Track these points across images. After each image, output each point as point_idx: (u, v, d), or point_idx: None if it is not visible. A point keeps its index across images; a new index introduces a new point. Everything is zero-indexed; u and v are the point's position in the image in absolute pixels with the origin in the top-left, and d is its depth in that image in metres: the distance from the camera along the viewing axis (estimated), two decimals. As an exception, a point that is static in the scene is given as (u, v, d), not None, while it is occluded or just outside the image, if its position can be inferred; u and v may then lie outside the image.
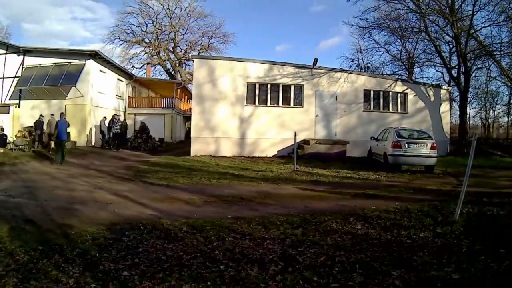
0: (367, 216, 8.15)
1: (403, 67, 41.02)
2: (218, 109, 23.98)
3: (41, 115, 26.19)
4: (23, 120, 28.05)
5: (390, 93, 26.05)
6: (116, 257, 6.00)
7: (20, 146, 24.00)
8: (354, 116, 25.31)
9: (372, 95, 25.90)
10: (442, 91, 27.74)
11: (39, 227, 7.64)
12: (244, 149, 23.91)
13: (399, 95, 26.29)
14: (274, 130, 24.19)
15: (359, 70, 39.87)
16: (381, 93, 25.98)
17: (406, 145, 17.20)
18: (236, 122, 24.05)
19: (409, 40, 38.24)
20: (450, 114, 32.67)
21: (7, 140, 24.51)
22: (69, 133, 26.87)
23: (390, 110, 26.11)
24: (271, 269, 5.36)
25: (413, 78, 38.20)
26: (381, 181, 14.94)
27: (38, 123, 25.62)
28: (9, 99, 30.35)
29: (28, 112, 28.76)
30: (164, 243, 6.68)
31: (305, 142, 23.23)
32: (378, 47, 40.50)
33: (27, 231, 7.30)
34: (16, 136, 26.30)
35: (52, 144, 24.69)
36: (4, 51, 31.18)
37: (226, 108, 23.95)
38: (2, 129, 25.63)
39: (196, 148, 23.77)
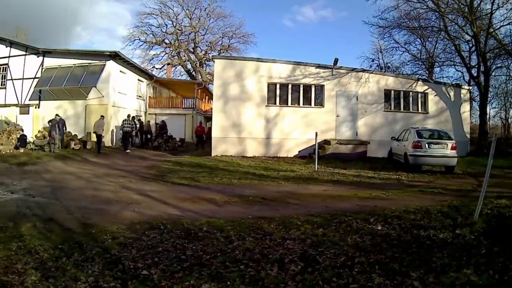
0: (387, 216, 8.05)
1: (423, 66, 40.53)
2: (239, 110, 23.96)
3: (56, 115, 26.34)
4: (44, 120, 28.20)
5: (411, 93, 25.79)
6: (135, 256, 6.02)
7: (40, 146, 24.19)
8: (375, 116, 25.09)
9: (392, 95, 25.67)
10: (463, 91, 27.41)
11: (59, 225, 7.71)
12: (265, 149, 23.85)
13: (419, 95, 26.03)
14: (295, 130, 24.09)
15: (380, 70, 39.53)
16: (402, 93, 25.72)
17: (427, 145, 17.02)
18: (257, 122, 23.98)
19: (429, 39, 37.72)
20: (470, 114, 32.24)
21: (27, 140, 24.73)
22: (88, 132, 27.30)
23: (411, 110, 25.85)
24: (291, 269, 5.33)
25: (433, 77, 37.73)
26: (401, 182, 14.81)
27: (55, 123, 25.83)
28: (29, 100, 30.79)
29: (48, 112, 28.95)
30: (184, 242, 6.69)
31: (326, 142, 23.09)
32: (398, 47, 40.01)
33: (47, 229, 7.38)
34: (36, 136, 26.58)
35: (73, 144, 25.01)
36: (24, 52, 31.58)
37: (247, 108, 23.92)
38: (22, 129, 25.95)
39: (217, 148, 23.78)
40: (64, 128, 26.20)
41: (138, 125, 30.42)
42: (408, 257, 5.61)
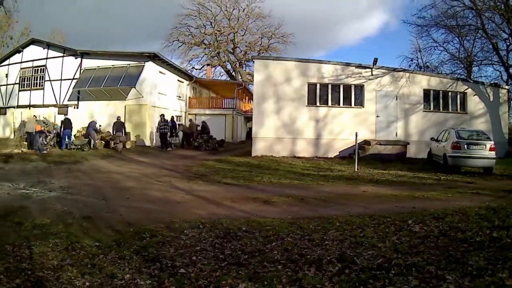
0: (425, 218, 7.90)
1: (462, 66, 39.81)
2: (278, 110, 23.90)
3: (118, 117, 27.03)
4: (82, 120, 28.67)
5: (450, 93, 25.13)
6: (173, 254, 6.06)
7: (79, 146, 24.62)
8: (414, 116, 24.60)
9: (432, 95, 25.13)
10: (502, 91, 26.56)
11: (97, 223, 7.81)
12: (305, 149, 23.69)
13: (458, 95, 25.34)
14: (335, 131, 23.91)
15: (419, 70, 38.97)
16: (441, 93, 25.12)
17: (466, 146, 16.65)
18: (296, 122, 23.88)
19: (467, 38, 36.99)
20: (509, 115, 31.48)
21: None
22: (129, 132, 27.68)
23: (450, 110, 25.19)
24: (328, 270, 5.27)
25: (471, 77, 36.96)
26: (440, 183, 14.53)
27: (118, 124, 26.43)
28: (68, 100, 31.49)
29: (87, 113, 29.66)
30: (222, 241, 6.70)
31: (366, 142, 22.83)
32: (436, 46, 39.46)
33: (85, 227, 7.48)
34: (75, 136, 27.10)
35: (112, 144, 25.39)
36: (61, 54, 32.42)
37: (287, 108, 23.84)
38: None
39: (257, 148, 23.78)
40: (98, 128, 26.69)
41: (177, 125, 30.69)
42: (444, 260, 5.48)
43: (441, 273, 4.94)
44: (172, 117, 30.71)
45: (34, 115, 26.94)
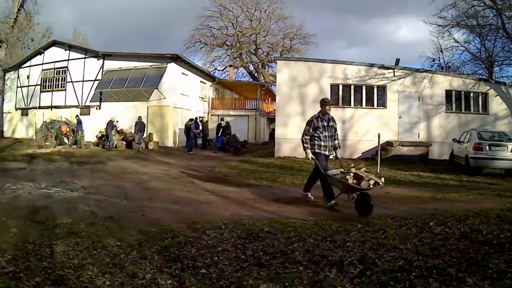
0: (447, 220, 7.79)
1: (483, 66, 39.48)
2: (301, 111, 23.87)
3: (139, 117, 27.34)
4: (105, 121, 28.88)
5: (472, 93, 24.87)
6: (195, 254, 6.03)
7: (102, 146, 24.90)
8: (436, 117, 24.44)
9: (454, 96, 24.91)
10: None
11: (118, 223, 7.85)
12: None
13: (480, 95, 25.07)
14: (358, 132, 23.94)
15: (441, 70, 38.72)
16: (463, 93, 24.87)
17: (488, 147, 16.53)
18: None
19: (488, 37, 36.76)
20: None
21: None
22: (151, 133, 27.93)
23: (472, 111, 24.96)
24: (349, 272, 5.23)
25: (493, 77, 36.57)
26: (462, 184, 14.48)
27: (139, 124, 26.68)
28: (90, 101, 31.98)
29: (109, 114, 29.91)
30: (244, 242, 6.67)
31: (388, 144, 22.78)
32: (457, 46, 39.24)
33: (106, 227, 7.52)
34: (96, 136, 27.39)
35: (134, 144, 25.67)
36: (83, 56, 32.98)
37: (309, 109, 23.49)
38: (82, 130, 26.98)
39: (280, 149, 23.90)
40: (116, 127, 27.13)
41: (201, 126, 30.82)
42: (465, 262, 5.41)
43: (462, 276, 4.90)
44: (197, 118, 30.83)
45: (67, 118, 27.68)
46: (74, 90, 32.81)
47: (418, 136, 24.11)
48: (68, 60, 33.64)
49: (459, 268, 5.16)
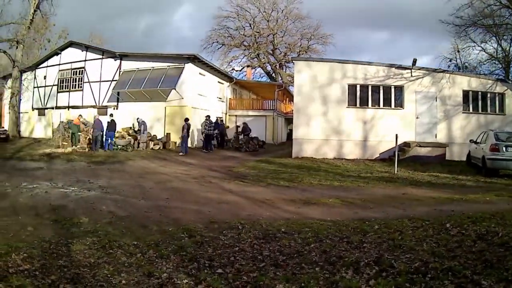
0: (463, 222, 7.77)
1: (500, 66, 39.21)
2: (318, 111, 23.92)
3: (138, 118, 27.36)
4: (121, 121, 29.04)
5: (489, 94, 24.59)
6: (211, 254, 6.06)
7: (123, 146, 25.01)
8: (454, 118, 24.19)
9: (471, 96, 24.62)
10: None
11: (135, 223, 7.92)
12: (345, 151, 23.63)
13: (497, 95, 24.81)
14: (375, 132, 23.79)
15: (458, 70, 38.53)
16: (479, 94, 24.60)
17: (504, 148, 16.24)
18: (336, 124, 23.86)
19: (504, 37, 36.48)
20: None
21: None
22: (169, 133, 28.02)
23: (489, 111, 24.66)
24: (365, 273, 5.24)
25: (509, 77, 36.24)
26: (478, 186, 14.36)
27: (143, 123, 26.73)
28: (107, 102, 32.17)
29: (127, 114, 30.18)
30: (261, 242, 6.69)
31: (406, 144, 22.67)
32: (474, 46, 39.02)
33: (123, 226, 7.58)
34: (116, 136, 27.59)
35: (152, 144, 25.79)
36: (100, 56, 33.24)
37: (327, 110, 23.84)
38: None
39: (297, 150, 23.83)
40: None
41: (220, 126, 30.88)
42: (480, 264, 5.39)
43: (477, 278, 4.90)
44: (217, 119, 30.92)
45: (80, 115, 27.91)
46: (91, 90, 33.02)
47: (436, 137, 23.92)
48: (85, 60, 33.88)
49: (475, 270, 5.16)
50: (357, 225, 7.82)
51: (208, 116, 28.29)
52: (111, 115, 26.76)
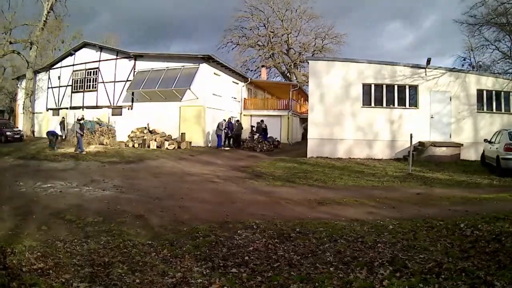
0: (477, 222, 7.78)
1: None
2: (333, 111, 23.90)
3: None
4: (136, 121, 29.23)
5: (502, 92, 24.41)
6: (226, 254, 6.09)
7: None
8: (468, 117, 24.02)
9: (485, 96, 24.46)
10: None
11: (149, 222, 7.96)
12: (360, 150, 23.59)
13: (511, 94, 24.78)
14: (390, 132, 23.71)
15: (472, 69, 38.30)
16: (494, 93, 24.40)
17: None
18: (351, 123, 23.85)
19: None
20: None
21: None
22: (184, 133, 28.19)
23: (503, 111, 24.47)
24: (379, 273, 5.27)
25: None
26: (493, 186, 14.26)
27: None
28: (122, 102, 32.45)
29: (142, 114, 30.45)
30: (276, 242, 6.70)
31: (421, 144, 22.60)
32: (488, 44, 38.79)
33: (137, 225, 7.63)
34: (129, 136, 27.69)
35: (167, 144, 25.95)
36: (114, 57, 33.60)
37: (342, 109, 23.83)
38: (114, 130, 27.37)
39: (312, 150, 23.83)
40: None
41: (236, 126, 31.03)
42: (494, 265, 5.42)
43: (490, 279, 4.91)
44: (230, 118, 31.11)
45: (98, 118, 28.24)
46: (106, 90, 33.41)
47: (450, 137, 23.81)
48: (99, 61, 34.33)
49: (488, 271, 5.18)
50: (371, 225, 7.85)
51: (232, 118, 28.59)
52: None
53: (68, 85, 36.45)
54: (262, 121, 31.49)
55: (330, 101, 23.70)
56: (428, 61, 23.39)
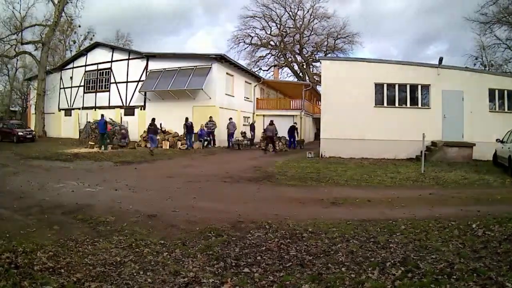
0: (488, 222, 7.78)
1: None
2: (346, 110, 23.81)
3: (187, 118, 27.74)
4: (149, 121, 29.30)
5: None
6: (238, 254, 6.10)
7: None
8: (480, 116, 23.78)
9: (497, 95, 24.28)
10: None
11: (162, 222, 8.00)
12: (372, 151, 23.45)
13: None
14: (402, 132, 23.50)
15: (484, 68, 38.11)
16: (506, 92, 24.21)
17: None
18: (364, 123, 23.78)
19: None
20: None
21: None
22: (196, 133, 28.26)
23: None
24: (391, 274, 5.28)
25: None
26: (505, 186, 14.10)
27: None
28: (134, 102, 32.58)
29: (154, 114, 30.05)
30: (288, 242, 6.71)
31: (433, 144, 22.56)
32: (500, 43, 38.56)
33: (149, 225, 7.66)
34: (141, 136, 27.80)
35: (179, 144, 26.03)
36: (126, 57, 33.79)
37: (354, 109, 23.75)
38: (126, 130, 27.49)
39: (325, 150, 23.83)
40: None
41: (249, 125, 31.18)
42: (505, 266, 5.43)
43: (501, 280, 4.93)
44: (253, 122, 31.13)
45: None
46: (118, 90, 33.66)
47: (462, 137, 23.65)
48: (112, 61, 34.58)
49: (499, 272, 5.19)
50: (383, 225, 7.84)
51: (248, 119, 28.62)
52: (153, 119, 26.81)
53: (80, 86, 36.69)
54: (272, 121, 31.38)
55: (343, 101, 23.60)
56: (440, 60, 23.29)
